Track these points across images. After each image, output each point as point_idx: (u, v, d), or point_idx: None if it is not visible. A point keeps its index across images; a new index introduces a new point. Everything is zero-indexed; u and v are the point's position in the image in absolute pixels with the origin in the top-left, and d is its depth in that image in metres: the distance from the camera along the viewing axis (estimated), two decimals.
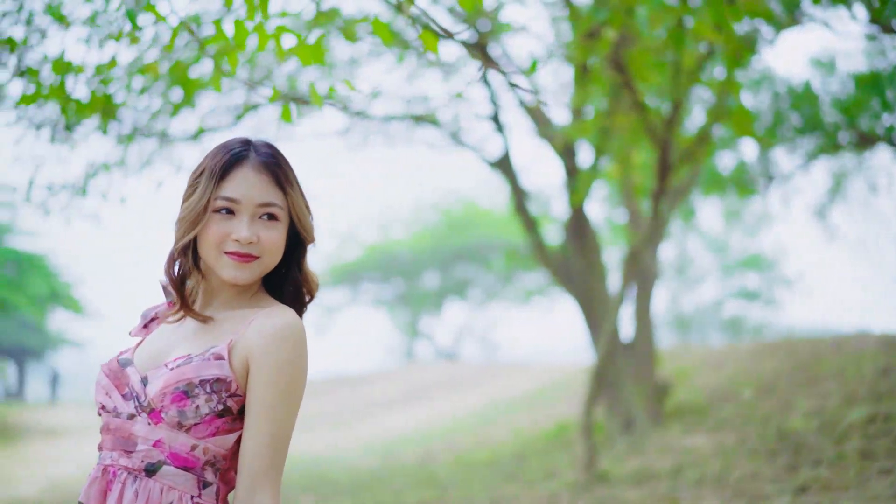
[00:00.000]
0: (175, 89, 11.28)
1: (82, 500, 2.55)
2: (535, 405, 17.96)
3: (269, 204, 2.59)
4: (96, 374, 2.64)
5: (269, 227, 2.60)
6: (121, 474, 2.52)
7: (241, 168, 2.58)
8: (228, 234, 2.56)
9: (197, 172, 2.61)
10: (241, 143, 2.63)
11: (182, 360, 2.56)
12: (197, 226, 2.57)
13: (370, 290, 43.61)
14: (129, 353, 2.67)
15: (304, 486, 12.58)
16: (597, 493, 8.64)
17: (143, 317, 2.83)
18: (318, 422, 26.71)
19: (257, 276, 2.64)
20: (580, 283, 11.36)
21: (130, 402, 2.56)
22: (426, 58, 11.12)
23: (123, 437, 2.55)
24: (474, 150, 11.90)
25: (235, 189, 2.57)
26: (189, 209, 2.58)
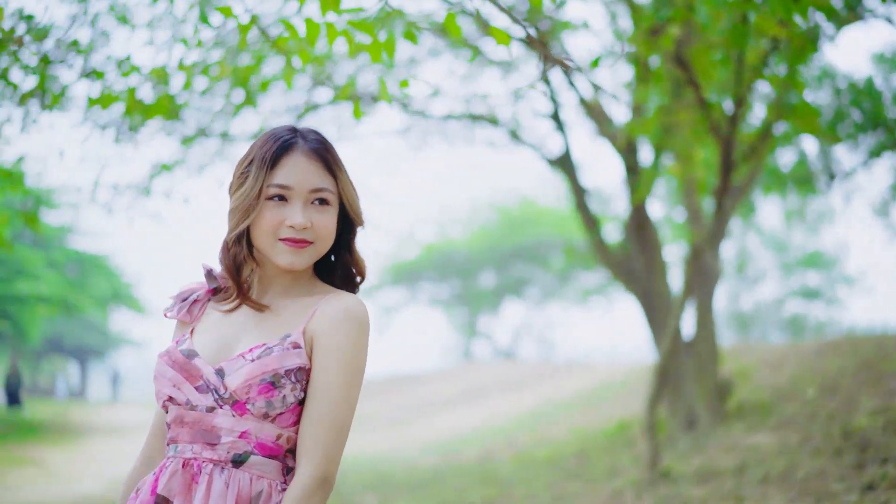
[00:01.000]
0: (237, 90, 11.40)
1: (163, 492, 2.55)
2: (594, 404, 17.92)
3: (320, 189, 2.63)
4: (155, 366, 2.67)
5: (321, 211, 2.64)
6: (206, 466, 2.55)
7: (292, 155, 2.62)
8: (282, 221, 2.60)
9: (245, 162, 2.65)
10: (288, 131, 2.67)
11: (259, 349, 2.59)
12: (251, 214, 2.60)
13: (428, 289, 43.65)
14: (187, 342, 2.68)
15: (365, 484, 12.64)
16: (661, 490, 8.62)
17: (179, 299, 2.83)
18: (377, 421, 26.82)
19: (312, 261, 2.67)
20: (641, 282, 11.32)
21: (208, 394, 2.58)
22: (485, 56, 11.13)
23: (205, 430, 2.57)
24: (534, 148, 11.90)
25: (287, 176, 2.60)
26: (241, 198, 2.61)
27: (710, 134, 8.43)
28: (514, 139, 12.14)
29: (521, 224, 38.56)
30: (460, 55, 11.38)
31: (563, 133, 11.56)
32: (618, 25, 10.76)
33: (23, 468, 18.67)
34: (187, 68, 9.74)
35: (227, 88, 11.13)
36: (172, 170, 12.63)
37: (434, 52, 11.12)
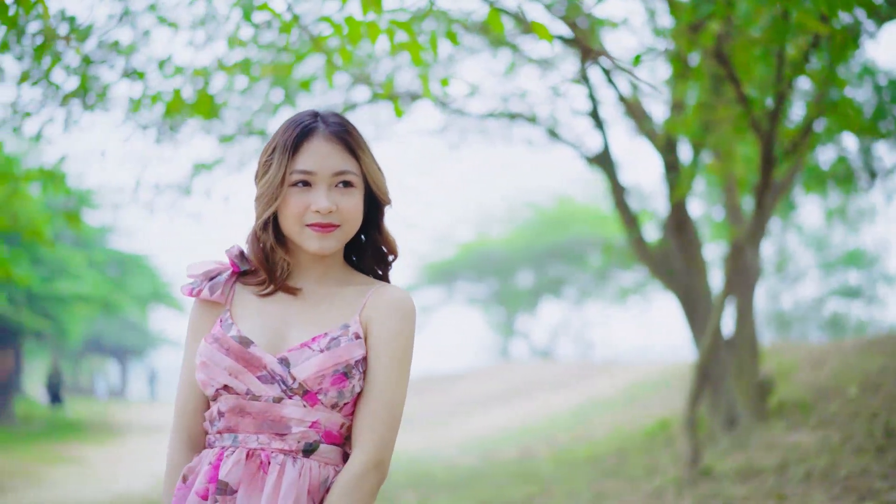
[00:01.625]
0: (276, 89, 11.46)
1: (227, 479, 2.56)
2: (633, 403, 17.87)
3: (343, 172, 2.65)
4: (202, 351, 2.66)
5: (346, 194, 2.66)
6: (276, 457, 2.58)
7: (313, 140, 2.64)
8: (308, 206, 2.62)
9: (269, 150, 2.67)
10: (309, 116, 2.69)
11: (324, 340, 2.63)
12: (275, 201, 2.63)
13: (465, 289, 43.61)
14: (233, 328, 2.67)
15: (404, 483, 12.66)
16: (701, 488, 8.59)
17: (205, 278, 2.79)
18: (415, 420, 26.86)
19: (341, 244, 2.71)
20: (681, 280, 11.28)
21: (273, 385, 2.59)
22: (524, 55, 11.12)
23: (273, 421, 2.59)
24: (573, 146, 11.88)
25: (309, 161, 2.62)
26: (266, 186, 2.64)
27: (750, 130, 8.38)
28: (552, 137, 12.12)
29: (559, 223, 38.44)
30: (499, 54, 11.38)
31: (602, 131, 11.53)
32: (657, 23, 10.72)
33: (64, 466, 18.85)
34: (228, 68, 9.81)
35: (267, 87, 11.20)
36: (212, 169, 12.72)
37: (472, 51, 11.12)
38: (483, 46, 11.25)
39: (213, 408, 2.66)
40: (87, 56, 10.06)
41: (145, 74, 10.52)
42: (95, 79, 10.83)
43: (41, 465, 18.67)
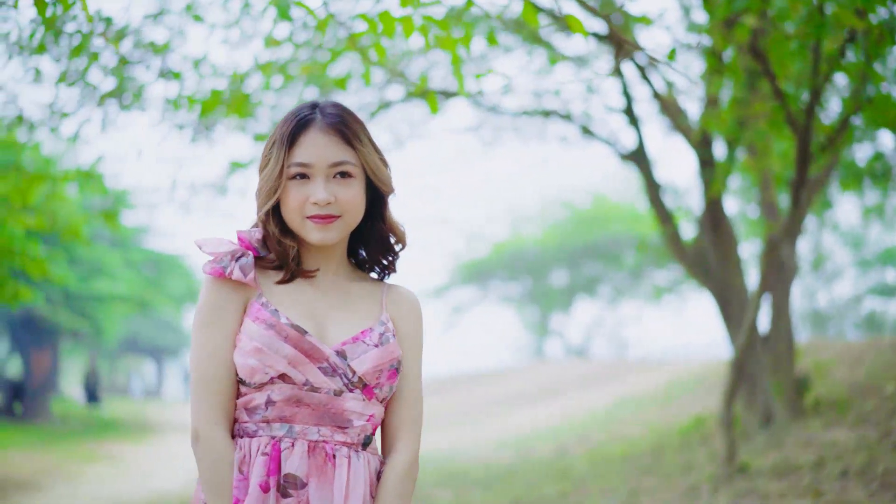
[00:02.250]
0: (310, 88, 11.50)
1: (295, 472, 2.55)
2: (668, 401, 17.83)
3: (340, 163, 2.64)
4: (256, 335, 2.59)
5: (344, 185, 2.65)
6: (340, 450, 2.60)
7: (310, 132, 2.63)
8: (307, 199, 2.62)
9: (270, 143, 2.67)
10: (308, 108, 2.69)
11: (372, 334, 2.67)
12: (274, 194, 2.63)
13: (498, 288, 43.55)
14: (281, 315, 2.62)
15: (439, 480, 12.68)
16: (737, 485, 8.56)
17: (231, 258, 2.67)
18: (450, 418, 26.86)
19: (343, 235, 2.70)
20: (716, 277, 11.24)
21: (335, 378, 2.60)
22: (557, 52, 11.12)
23: (334, 413, 2.60)
24: (607, 142, 11.86)
25: (306, 153, 2.62)
26: (265, 179, 2.65)
27: (786, 126, 8.35)
28: (586, 134, 12.11)
29: (593, 221, 38.32)
30: (533, 51, 11.38)
31: (637, 127, 11.51)
32: (691, 19, 10.70)
33: (101, 464, 19.00)
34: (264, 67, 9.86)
35: (301, 86, 11.24)
36: (248, 167, 12.79)
37: (507, 49, 11.12)
38: (517, 44, 11.25)
39: (258, 395, 2.59)
40: (123, 56, 10.14)
41: (181, 74, 10.61)
42: (132, 79, 10.93)
43: (78, 462, 18.81)
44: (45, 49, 9.79)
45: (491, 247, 41.31)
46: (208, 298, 2.62)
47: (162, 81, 10.77)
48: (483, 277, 42.31)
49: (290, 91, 11.46)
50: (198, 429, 2.56)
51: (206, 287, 2.63)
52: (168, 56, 10.50)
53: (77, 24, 8.74)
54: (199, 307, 2.62)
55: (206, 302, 2.62)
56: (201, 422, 2.56)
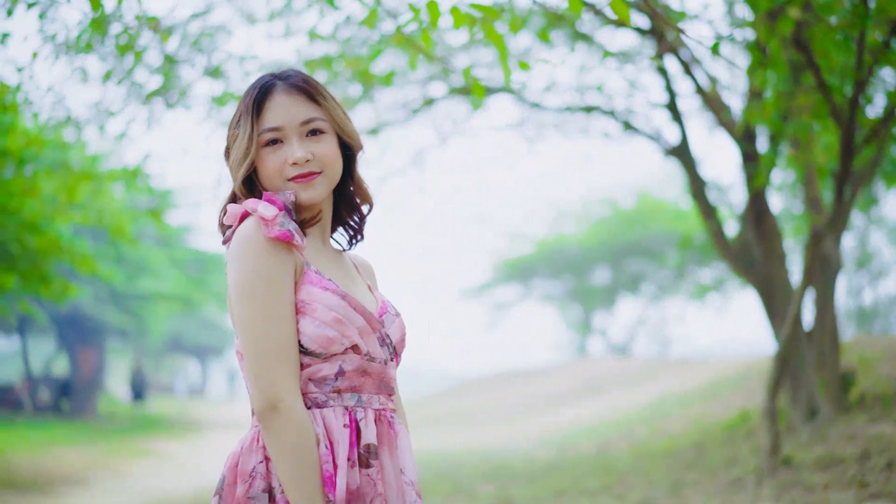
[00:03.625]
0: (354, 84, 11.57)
1: (372, 441, 2.54)
2: (712, 397, 17.77)
3: (310, 119, 2.61)
4: (332, 304, 2.53)
5: (318, 140, 2.62)
6: (393, 417, 2.66)
7: (274, 96, 2.61)
8: (285, 161, 2.58)
9: (234, 121, 2.65)
10: (266, 77, 2.66)
11: (390, 303, 2.77)
12: (247, 158, 2.58)
13: (541, 286, 43.46)
14: (334, 284, 2.57)
15: (482, 475, 12.72)
16: (782, 477, 8.54)
17: (291, 217, 2.57)
18: (493, 415, 26.90)
19: (327, 192, 2.66)
20: (760, 272, 11.21)
21: (385, 347, 2.63)
22: (601, 47, 11.13)
23: (385, 382, 2.64)
24: (650, 137, 11.86)
25: (274, 117, 2.59)
26: (236, 151, 2.60)
27: (830, 118, 8.32)
28: (629, 130, 12.11)
29: (636, 219, 38.16)
30: (576, 47, 11.40)
31: (680, 123, 11.49)
32: (734, 13, 10.67)
33: (147, 460, 19.19)
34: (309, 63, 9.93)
35: (345, 82, 11.31)
36: None
37: (550, 45, 11.14)
38: (560, 40, 11.27)
39: (326, 366, 2.52)
40: (169, 55, 10.26)
41: (225, 72, 10.71)
42: (177, 77, 11.04)
43: (125, 458, 19.02)
44: (91, 48, 9.92)
45: (533, 244, 41.22)
46: (271, 262, 2.47)
47: (207, 79, 10.90)
48: (525, 275, 42.23)
49: (335, 87, 11.54)
50: (277, 399, 2.40)
51: (265, 250, 2.47)
52: (213, 54, 10.62)
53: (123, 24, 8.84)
54: (257, 272, 2.46)
55: (269, 266, 2.46)
56: (282, 391, 2.42)
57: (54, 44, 9.80)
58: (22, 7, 8.02)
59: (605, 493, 9.90)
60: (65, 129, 11.62)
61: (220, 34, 10.38)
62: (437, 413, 30.67)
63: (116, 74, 10.52)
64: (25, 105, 10.52)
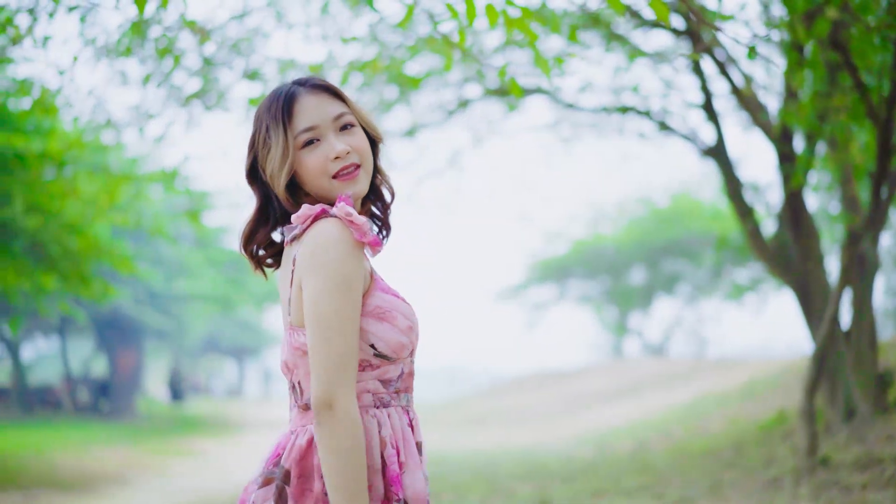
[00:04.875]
0: (390, 87, 11.63)
1: (421, 440, 2.70)
2: (749, 398, 17.71)
3: (341, 114, 2.68)
4: (406, 312, 2.65)
5: (351, 133, 2.68)
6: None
7: (300, 100, 2.66)
8: (326, 157, 2.63)
9: (260, 134, 2.69)
10: (286, 86, 2.72)
11: None
12: (286, 163, 2.63)
13: (577, 286, 43.34)
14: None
15: (520, 475, 12.75)
16: (819, 477, 8.54)
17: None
18: (529, 415, 26.91)
19: (368, 184, 2.73)
20: (797, 272, 11.17)
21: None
22: (636, 47, 11.14)
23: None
24: (686, 138, 11.85)
25: (307, 118, 2.65)
26: (274, 160, 2.64)
27: (867, 118, 8.30)
28: (665, 130, 12.11)
29: (673, 219, 37.97)
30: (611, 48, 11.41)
31: (716, 123, 11.48)
32: (770, 13, 10.65)
33: (186, 459, 19.34)
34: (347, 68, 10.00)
35: (381, 84, 11.37)
36: None
37: (585, 46, 11.16)
38: (595, 41, 11.28)
39: (393, 368, 2.64)
40: (208, 58, 10.36)
41: (263, 75, 10.81)
42: (216, 80, 11.14)
43: (164, 458, 19.17)
44: (131, 52, 10.03)
45: (570, 244, 41.12)
46: (355, 266, 2.55)
47: (245, 81, 11.00)
48: (561, 276, 42.13)
49: (370, 90, 11.61)
50: (334, 398, 2.46)
51: (351, 254, 2.54)
52: (251, 57, 10.72)
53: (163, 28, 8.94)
54: (343, 274, 2.52)
55: (352, 269, 2.53)
56: (341, 392, 2.47)
57: (95, 47, 9.93)
58: (63, 10, 8.12)
59: (644, 493, 9.92)
60: (104, 131, 11.76)
61: (258, 37, 10.49)
62: (474, 413, 30.73)
63: (156, 77, 10.65)
64: (66, 108, 10.66)
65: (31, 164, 12.74)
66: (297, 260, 2.57)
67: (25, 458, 17.12)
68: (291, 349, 2.64)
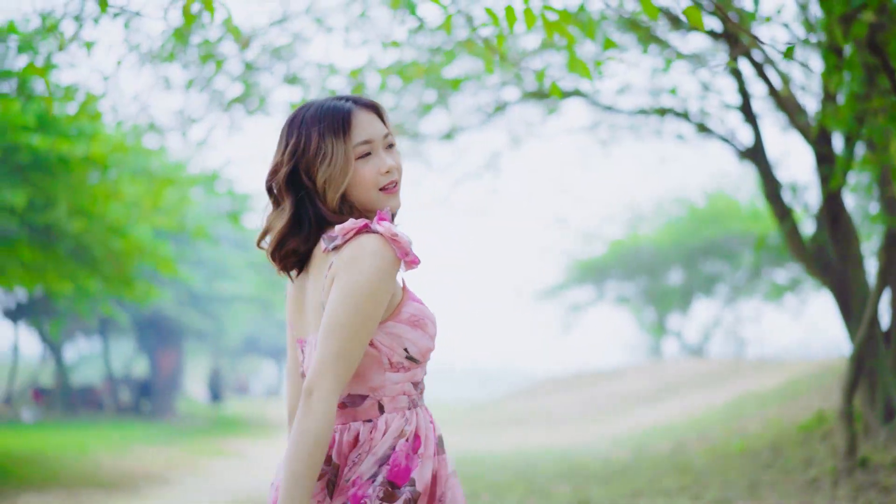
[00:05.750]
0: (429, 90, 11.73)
1: (441, 433, 2.95)
2: (789, 398, 17.67)
3: (387, 134, 2.88)
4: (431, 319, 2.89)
5: (393, 152, 2.91)
6: None
7: (356, 115, 2.84)
8: (378, 171, 2.82)
9: (309, 141, 2.82)
10: (341, 101, 2.88)
11: None
12: (346, 176, 2.80)
13: (615, 288, 43.22)
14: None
15: (558, 475, 12.81)
16: (858, 478, 8.55)
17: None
18: (568, 415, 26.93)
19: None
20: (836, 273, 11.16)
21: None
22: (674, 49, 11.17)
23: None
24: (724, 140, 11.85)
25: (363, 132, 2.83)
26: (333, 168, 2.80)
27: None
28: (702, 132, 12.12)
29: (710, 219, 37.80)
30: (648, 49, 11.44)
31: (754, 125, 11.48)
32: (808, 15, 10.66)
33: (226, 459, 19.51)
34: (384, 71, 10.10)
35: (420, 88, 11.47)
36: None
37: (622, 48, 11.20)
38: (632, 44, 11.33)
39: (419, 371, 2.89)
40: (249, 63, 10.50)
41: (303, 79, 10.93)
42: (257, 84, 11.28)
43: (204, 458, 19.34)
44: (174, 57, 10.19)
45: (607, 245, 41.03)
46: (387, 283, 2.72)
47: (286, 86, 11.13)
48: (599, 277, 42.03)
49: (408, 92, 11.71)
50: (314, 388, 2.65)
51: (386, 272, 2.71)
52: (291, 61, 10.85)
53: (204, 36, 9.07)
54: (372, 289, 2.69)
55: (383, 286, 2.71)
56: (324, 384, 2.65)
57: (138, 53, 10.08)
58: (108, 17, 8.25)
59: (682, 494, 9.97)
60: (147, 135, 11.93)
61: (298, 42, 10.62)
62: (513, 413, 30.78)
63: (198, 82, 10.80)
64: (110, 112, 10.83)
65: (75, 168, 12.95)
66: (333, 267, 2.74)
67: (69, 457, 17.34)
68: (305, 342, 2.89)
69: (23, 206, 12.85)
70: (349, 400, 2.80)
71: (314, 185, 2.82)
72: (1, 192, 12.50)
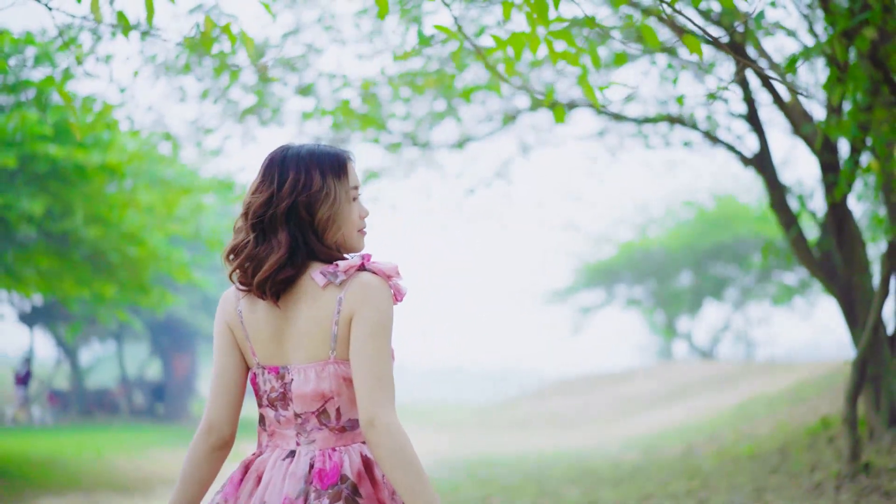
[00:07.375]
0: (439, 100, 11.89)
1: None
2: (797, 401, 17.79)
3: (358, 185, 3.16)
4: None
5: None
6: None
7: (348, 164, 3.09)
8: (360, 216, 3.11)
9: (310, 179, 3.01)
10: (338, 149, 3.15)
11: None
12: (348, 215, 3.06)
13: (625, 291, 43.26)
14: None
15: (568, 478, 12.96)
16: (861, 483, 8.69)
17: None
18: (577, 418, 27.04)
19: None
20: (841, 279, 11.27)
21: None
22: (680, 59, 11.30)
23: None
24: (730, 148, 11.96)
25: (354, 179, 3.11)
26: (335, 207, 3.02)
27: None
28: (709, 140, 12.23)
29: (719, 222, 37.82)
30: (656, 59, 11.58)
31: (760, 133, 11.58)
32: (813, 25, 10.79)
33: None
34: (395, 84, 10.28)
35: (431, 98, 11.64)
36: (379, 177, 13.26)
37: (630, 57, 11.34)
38: (640, 52, 11.45)
39: None
40: (263, 74, 10.69)
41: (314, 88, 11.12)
42: (270, 95, 11.47)
43: None
44: (189, 69, 10.39)
45: (617, 248, 41.09)
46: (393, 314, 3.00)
47: (298, 97, 11.32)
48: (609, 279, 42.09)
49: (419, 102, 11.88)
50: (375, 417, 2.85)
51: (391, 303, 2.99)
52: (304, 72, 11.04)
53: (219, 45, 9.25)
54: (391, 320, 2.96)
55: (392, 316, 2.99)
56: (382, 411, 2.85)
57: (154, 64, 10.29)
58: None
59: (690, 497, 10.12)
60: (162, 144, 12.13)
61: (310, 53, 10.81)
62: (523, 416, 30.90)
63: (213, 93, 11.01)
64: (126, 122, 11.02)
65: (92, 177, 13.14)
66: (346, 302, 2.94)
67: (85, 460, 17.53)
68: (338, 379, 2.99)
69: (40, 215, 13.05)
70: (348, 424, 3.01)
71: (312, 220, 3.01)
72: (19, 200, 12.70)
